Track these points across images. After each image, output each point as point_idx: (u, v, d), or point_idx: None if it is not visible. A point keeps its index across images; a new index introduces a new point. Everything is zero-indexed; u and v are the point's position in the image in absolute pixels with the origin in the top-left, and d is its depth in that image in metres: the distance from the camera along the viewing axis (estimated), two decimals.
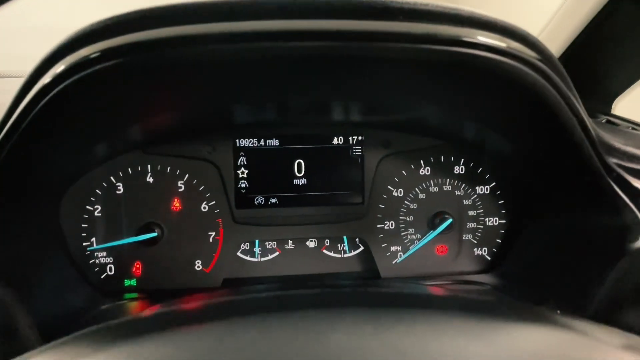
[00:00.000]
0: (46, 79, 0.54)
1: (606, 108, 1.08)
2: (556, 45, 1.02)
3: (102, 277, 0.81)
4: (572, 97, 0.63)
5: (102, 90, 0.59)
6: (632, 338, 0.35)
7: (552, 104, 0.63)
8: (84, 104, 0.61)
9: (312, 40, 0.52)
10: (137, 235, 0.79)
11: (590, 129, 0.66)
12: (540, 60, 0.60)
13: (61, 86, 0.53)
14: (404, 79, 0.69)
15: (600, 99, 1.08)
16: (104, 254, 0.80)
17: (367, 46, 0.53)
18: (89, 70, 0.52)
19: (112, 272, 0.81)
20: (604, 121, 0.96)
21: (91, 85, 0.56)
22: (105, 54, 0.52)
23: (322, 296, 0.42)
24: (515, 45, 0.59)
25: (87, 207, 0.79)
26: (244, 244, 0.86)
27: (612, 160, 0.70)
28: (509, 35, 0.59)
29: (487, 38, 0.56)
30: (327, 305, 0.36)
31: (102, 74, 0.54)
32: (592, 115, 0.92)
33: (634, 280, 0.67)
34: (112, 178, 0.79)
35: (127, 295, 0.81)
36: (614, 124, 0.96)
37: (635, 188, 0.69)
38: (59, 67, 0.54)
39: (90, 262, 0.80)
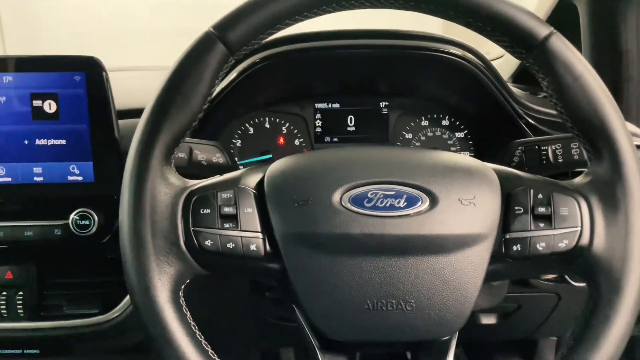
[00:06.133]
0: (248, 62, 1.18)
1: None
2: None
3: None
4: (494, 79, 1.21)
5: (263, 74, 1.22)
6: None
7: (486, 85, 1.22)
8: (251, 81, 1.24)
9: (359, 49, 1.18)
10: (259, 156, 1.41)
11: (508, 96, 1.24)
12: (479, 61, 1.19)
13: (253, 69, 1.17)
14: (408, 71, 1.29)
15: None
16: (241, 167, 1.42)
17: (391, 51, 1.16)
18: (264, 63, 1.16)
19: None
20: (541, 96, 1.52)
21: (264, 69, 1.19)
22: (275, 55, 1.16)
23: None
24: (463, 52, 1.18)
25: (232, 140, 1.41)
26: None
27: (525, 112, 1.27)
28: (461, 47, 1.18)
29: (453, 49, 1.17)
30: None
31: (268, 66, 1.17)
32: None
33: None
34: (246, 124, 1.40)
35: None
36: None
37: (537, 127, 1.27)
38: (249, 61, 1.17)
39: None
